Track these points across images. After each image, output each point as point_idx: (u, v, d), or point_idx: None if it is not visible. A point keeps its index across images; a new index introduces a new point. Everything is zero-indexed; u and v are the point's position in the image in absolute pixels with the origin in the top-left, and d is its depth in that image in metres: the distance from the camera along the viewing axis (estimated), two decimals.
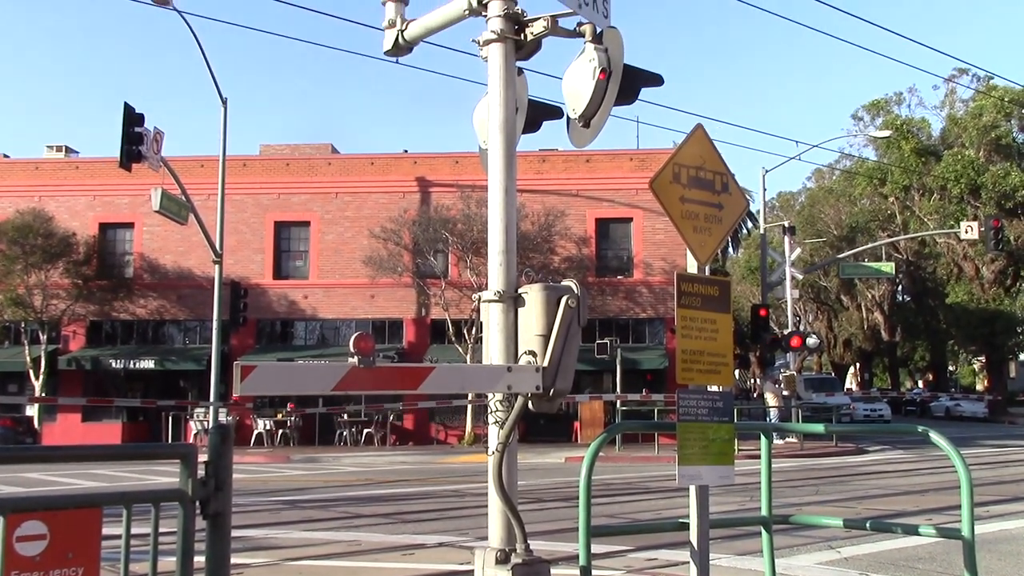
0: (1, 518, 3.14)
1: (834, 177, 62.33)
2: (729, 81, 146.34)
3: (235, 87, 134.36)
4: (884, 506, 12.82)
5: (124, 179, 30.40)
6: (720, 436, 5.69)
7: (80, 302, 33.70)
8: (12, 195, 34.74)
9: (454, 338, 31.64)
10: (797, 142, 51.93)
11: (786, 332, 30.27)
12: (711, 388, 5.77)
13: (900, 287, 65.60)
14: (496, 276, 5.66)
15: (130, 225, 35.09)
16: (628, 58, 6.14)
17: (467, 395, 28.86)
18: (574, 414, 31.86)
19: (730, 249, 64.04)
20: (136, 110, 23.01)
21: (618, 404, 28.09)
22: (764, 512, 6.50)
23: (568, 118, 6.29)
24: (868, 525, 6.96)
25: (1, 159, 36.36)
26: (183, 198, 25.78)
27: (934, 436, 5.71)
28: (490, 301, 5.60)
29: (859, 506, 12.91)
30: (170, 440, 32.01)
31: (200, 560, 3.53)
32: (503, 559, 5.34)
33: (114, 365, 33.32)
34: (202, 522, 3.61)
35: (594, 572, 5.53)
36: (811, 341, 30.52)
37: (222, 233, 27.40)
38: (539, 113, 6.94)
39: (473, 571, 5.50)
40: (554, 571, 5.58)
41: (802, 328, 51.43)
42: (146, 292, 34.69)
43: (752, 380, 73.31)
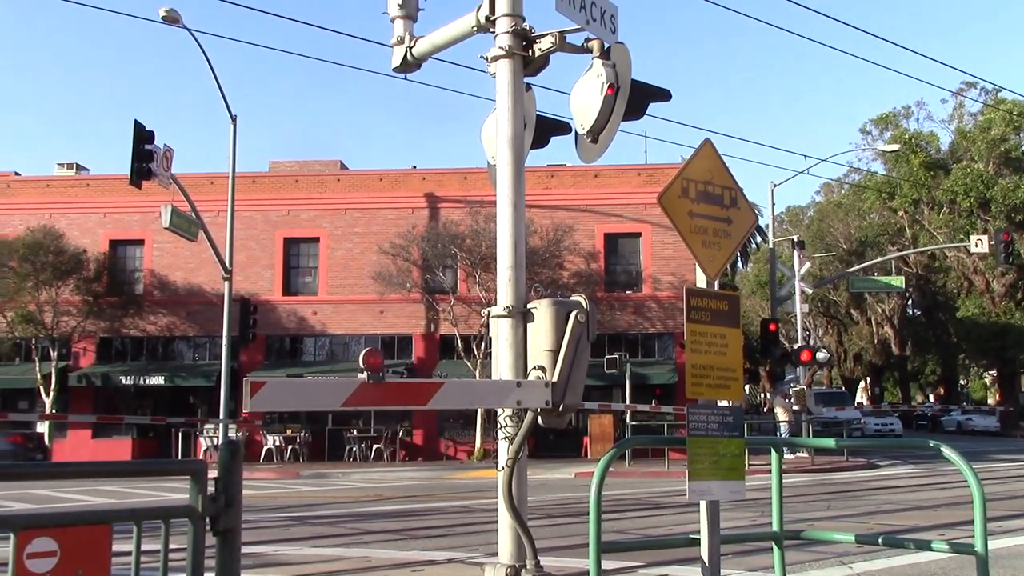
0: (12, 535, 3.15)
1: (843, 191, 62.25)
2: (737, 96, 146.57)
3: (244, 104, 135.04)
4: (896, 521, 12.74)
5: (134, 196, 30.54)
6: (730, 451, 5.68)
7: (90, 319, 33.79)
8: (23, 212, 34.91)
9: (463, 353, 31.62)
10: (806, 156, 52.07)
11: (796, 346, 30.16)
12: (721, 403, 5.76)
13: (910, 301, 65.39)
14: (505, 291, 5.67)
15: (140, 242, 35.21)
16: (636, 73, 6.16)
17: (476, 410, 28.83)
18: (584, 429, 31.78)
19: (739, 263, 64.02)
20: (146, 127, 23.10)
21: (628, 416, 27.99)
22: (775, 527, 6.47)
23: (576, 133, 6.31)
24: (880, 541, 6.92)
25: (12, 177, 36.54)
26: (193, 215, 25.87)
27: (946, 450, 5.68)
28: (499, 316, 5.61)
29: (871, 521, 12.83)
30: (180, 456, 32.06)
31: None
32: (513, 575, 5.32)
33: (124, 381, 33.36)
34: (212, 538, 3.61)
35: None
36: (821, 355, 30.40)
37: (232, 249, 27.47)
38: (547, 128, 6.97)
39: None
40: None
41: (812, 342, 51.33)
42: (156, 308, 34.78)
43: (762, 395, 73.08)
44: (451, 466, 29.37)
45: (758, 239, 57.75)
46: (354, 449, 31.94)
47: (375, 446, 31.92)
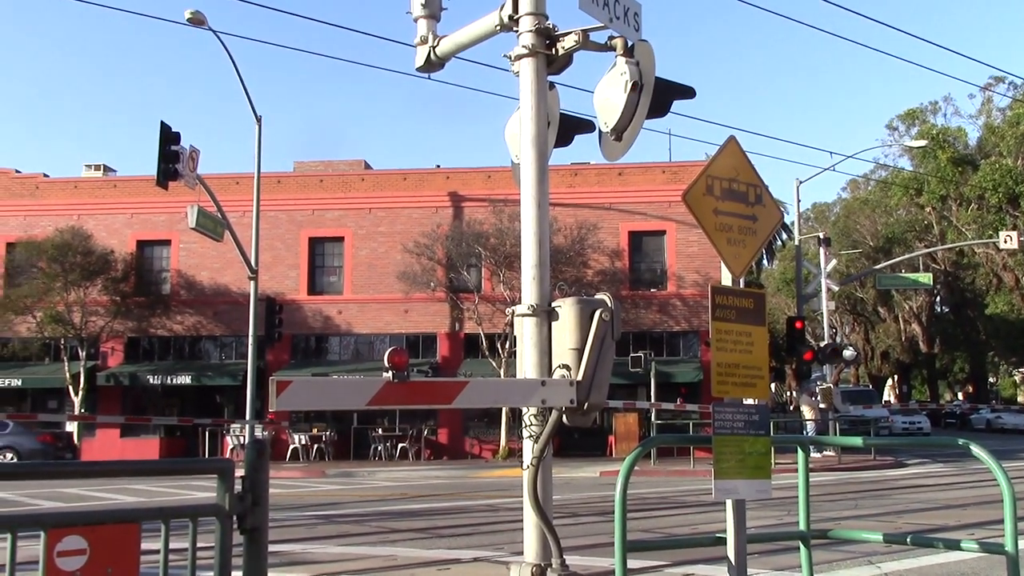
0: (42, 533, 3.18)
1: (869, 188, 61.80)
2: (762, 92, 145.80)
3: (269, 105, 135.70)
4: (925, 520, 12.64)
5: (161, 197, 30.80)
6: (756, 450, 5.65)
7: (118, 319, 34.09)
8: (52, 214, 35.27)
9: (488, 352, 31.65)
10: (831, 153, 51.77)
11: (822, 344, 29.96)
12: (747, 401, 5.73)
13: (938, 298, 64.82)
14: (529, 290, 5.67)
15: (167, 242, 35.48)
16: (659, 71, 6.14)
17: (501, 409, 28.84)
18: (609, 428, 31.73)
19: (765, 261, 63.67)
20: (172, 129, 23.26)
21: (653, 415, 27.91)
22: (802, 526, 6.43)
23: (600, 131, 6.30)
24: (909, 540, 6.87)
25: (41, 179, 36.91)
26: (219, 215, 26.02)
27: (975, 449, 5.63)
28: (524, 315, 5.60)
29: (899, 520, 12.73)
30: (207, 455, 32.29)
31: (238, 574, 3.55)
32: (539, 574, 5.33)
33: (151, 381, 33.64)
34: (239, 537, 3.63)
35: None
36: (848, 353, 30.20)
37: (257, 249, 27.62)
38: (571, 127, 6.95)
39: None
40: None
41: (838, 340, 50.97)
42: (183, 308, 35.04)
43: (788, 393, 72.69)
44: (476, 465, 29.41)
45: (783, 236, 57.43)
46: (379, 448, 32.04)
47: (400, 445, 32.02)
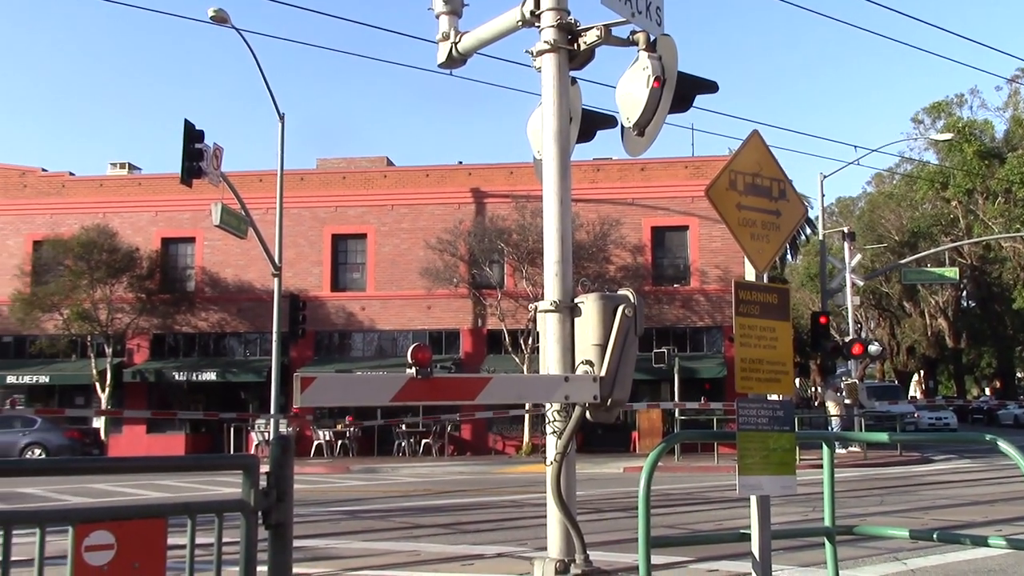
0: (70, 528, 3.21)
1: (895, 181, 61.35)
2: (786, 86, 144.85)
3: (292, 102, 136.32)
4: (951, 517, 12.54)
5: (185, 195, 31.00)
6: (781, 445, 5.63)
7: (144, 316, 34.35)
8: (77, 212, 35.57)
9: (511, 348, 31.66)
10: (856, 147, 51.30)
11: (847, 339, 29.78)
12: (771, 397, 5.71)
13: (964, 292, 64.24)
14: (552, 286, 5.67)
15: (191, 240, 35.72)
16: (682, 65, 6.12)
17: (524, 405, 28.85)
18: (632, 424, 31.66)
19: (788, 256, 63.29)
20: (196, 127, 23.38)
21: (676, 411, 27.85)
22: (827, 523, 6.40)
23: (622, 127, 6.28)
24: (935, 536, 6.82)
25: (67, 177, 37.24)
26: (242, 212, 26.16)
27: (1003, 445, 5.58)
28: (546, 311, 5.60)
29: (925, 516, 12.65)
30: (232, 451, 32.45)
31: (263, 570, 3.57)
32: (563, 569, 5.33)
33: (177, 377, 33.88)
34: (264, 532, 3.65)
35: None
36: (873, 348, 29.99)
37: (280, 246, 27.74)
38: (593, 122, 6.94)
39: None
40: None
41: (863, 335, 50.65)
42: (207, 305, 35.26)
43: (813, 388, 72.28)
44: (499, 461, 29.44)
45: (807, 231, 57.07)
46: (403, 444, 32.13)
47: (424, 441, 32.09)
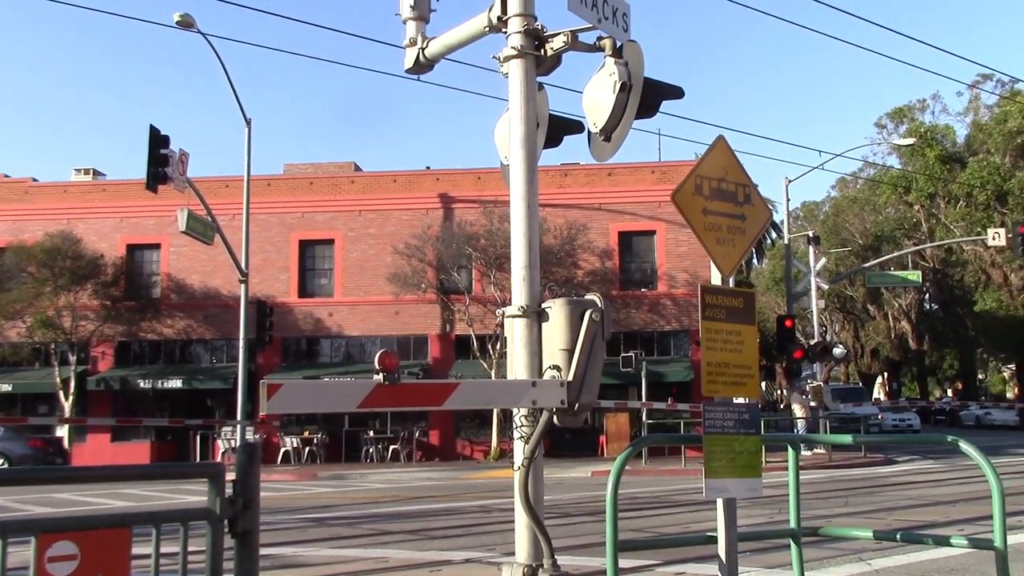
0: (33, 538, 3.18)
1: (858, 186, 61.99)
2: (751, 92, 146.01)
3: (258, 107, 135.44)
4: (914, 517, 12.69)
5: (151, 200, 30.73)
6: (747, 448, 5.67)
7: (108, 323, 33.99)
8: (41, 218, 35.14)
9: (479, 353, 31.64)
10: (820, 151, 51.91)
11: (812, 342, 30.06)
12: (737, 400, 5.75)
13: (927, 295, 65.04)
14: (520, 291, 5.68)
15: (157, 246, 35.40)
16: (648, 71, 6.16)
17: (492, 410, 28.85)
18: (600, 428, 31.74)
19: (754, 260, 63.77)
20: (161, 132, 23.23)
21: (644, 414, 27.94)
22: (793, 524, 6.46)
23: (589, 132, 6.31)
24: (899, 537, 6.91)
25: (30, 183, 36.78)
26: (209, 218, 25.98)
27: (964, 445, 5.66)
28: (514, 316, 5.61)
29: (889, 517, 12.78)
30: (198, 459, 32.16)
31: None
32: (530, 574, 5.33)
33: (142, 385, 33.55)
34: (230, 540, 3.63)
35: None
36: (837, 351, 30.27)
37: (247, 252, 27.58)
38: (560, 128, 6.96)
39: None
40: None
41: (828, 338, 51.09)
42: (173, 312, 34.96)
43: (778, 391, 72.84)
44: (467, 466, 29.41)
45: (773, 235, 57.56)
46: (371, 450, 32.01)
47: (392, 447, 31.99)
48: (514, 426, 5.49)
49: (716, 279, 5.98)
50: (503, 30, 6.08)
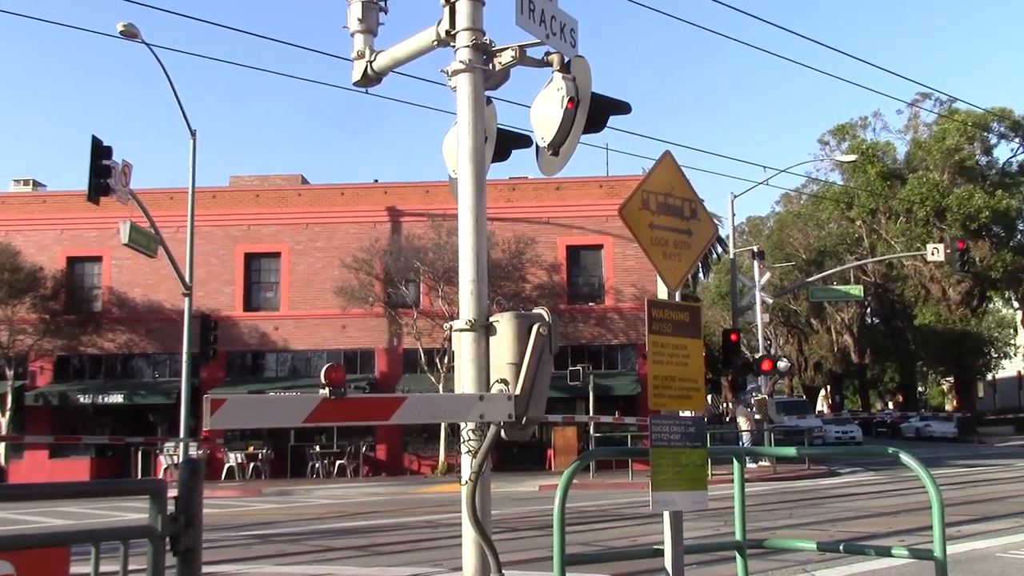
0: None
1: (802, 201, 62.95)
2: (697, 108, 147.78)
3: (204, 119, 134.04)
4: (857, 528, 12.86)
5: (92, 212, 30.22)
6: (693, 461, 5.71)
7: (47, 337, 33.30)
8: None
9: (426, 367, 31.52)
10: (765, 167, 52.71)
11: (757, 356, 30.37)
12: (683, 413, 5.79)
13: (869, 309, 66.22)
14: (467, 305, 5.67)
15: (98, 259, 34.79)
16: (595, 86, 6.20)
17: (440, 425, 28.74)
18: (548, 442, 31.78)
19: (700, 274, 64.44)
20: (104, 143, 22.86)
21: (591, 428, 28.03)
22: (738, 536, 6.51)
23: (537, 146, 6.34)
24: (842, 548, 6.99)
25: None
26: (152, 231, 25.61)
27: (904, 457, 5.75)
28: (462, 330, 5.60)
29: (832, 528, 12.95)
30: (139, 476, 31.61)
31: None
32: None
33: (82, 400, 32.89)
34: (172, 559, 3.56)
35: None
36: (782, 364, 30.65)
37: (191, 265, 27.23)
38: (508, 142, 6.98)
39: None
40: None
41: (773, 352, 51.76)
42: (115, 326, 34.36)
43: (724, 404, 73.54)
44: (415, 481, 29.25)
45: (719, 250, 58.18)
46: (317, 465, 31.70)
47: (338, 462, 31.71)
48: (462, 440, 5.47)
49: (663, 293, 6.03)
50: (451, 44, 6.09)
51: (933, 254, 33.35)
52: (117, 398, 32.75)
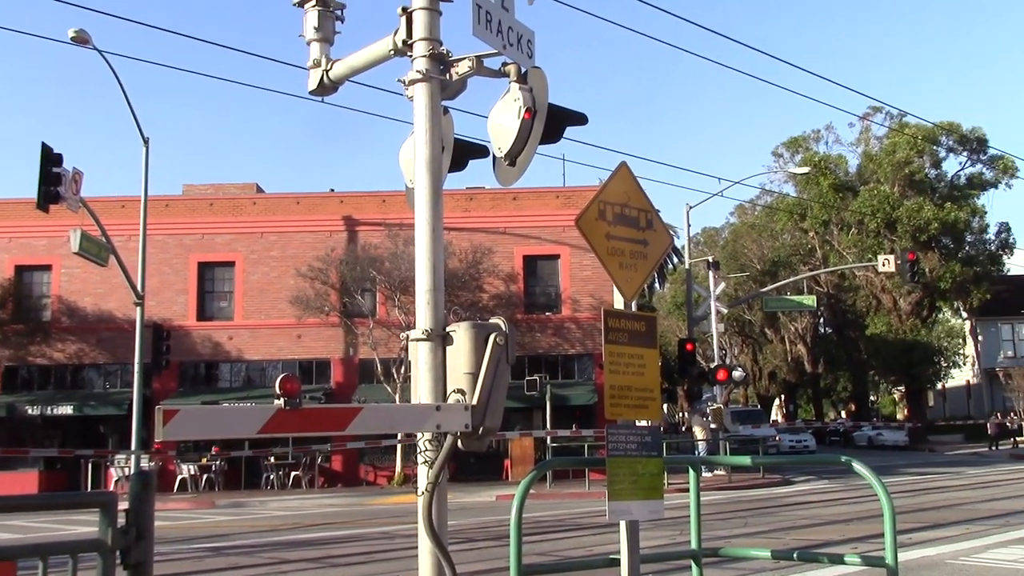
0: None
1: (756, 213, 63.64)
2: (653, 119, 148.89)
3: (157, 126, 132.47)
4: (811, 536, 12.99)
5: (41, 220, 29.71)
6: (649, 471, 5.73)
7: None
8: None
9: (383, 378, 31.37)
10: (720, 179, 53.26)
11: (712, 365, 30.63)
12: (640, 423, 5.81)
13: (822, 319, 67.04)
14: (424, 314, 5.65)
15: (48, 267, 34.23)
16: (552, 97, 6.22)
17: (396, 435, 28.60)
18: (505, 452, 31.74)
19: (656, 284, 64.85)
20: (54, 150, 22.50)
21: (548, 440, 28.06)
22: (694, 545, 6.54)
23: (494, 157, 6.33)
24: (796, 556, 7.07)
25: None
26: (103, 239, 25.25)
27: (857, 466, 5.82)
28: (418, 340, 5.57)
29: (787, 537, 13.06)
30: (90, 488, 31.08)
31: None
32: None
33: (30, 412, 32.28)
34: (123, 572, 3.51)
35: None
36: (737, 374, 30.94)
37: (144, 274, 26.87)
38: (465, 152, 6.97)
39: None
40: None
41: (728, 361, 52.18)
42: (64, 336, 33.80)
43: (680, 414, 74.01)
44: (371, 492, 29.07)
45: (674, 260, 58.62)
46: (272, 477, 31.37)
47: (293, 473, 31.42)
48: (418, 451, 5.44)
49: (619, 303, 6.05)
50: (408, 54, 6.08)
51: (884, 265, 33.86)
52: (67, 409, 32.20)
